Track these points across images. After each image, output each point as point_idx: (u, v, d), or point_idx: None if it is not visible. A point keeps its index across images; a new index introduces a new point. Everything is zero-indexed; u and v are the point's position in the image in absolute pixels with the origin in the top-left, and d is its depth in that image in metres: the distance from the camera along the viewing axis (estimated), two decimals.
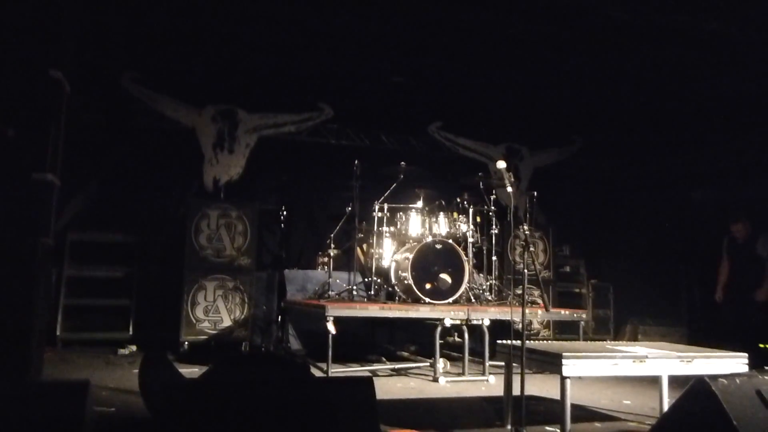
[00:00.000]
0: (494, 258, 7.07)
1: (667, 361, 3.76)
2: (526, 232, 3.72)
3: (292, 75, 7.27)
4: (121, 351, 6.65)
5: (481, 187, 6.95)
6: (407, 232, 6.70)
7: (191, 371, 5.59)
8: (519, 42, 6.30)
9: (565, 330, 7.80)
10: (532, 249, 3.88)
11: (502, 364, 4.22)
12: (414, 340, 7.38)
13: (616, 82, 7.18)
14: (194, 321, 6.79)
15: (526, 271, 3.74)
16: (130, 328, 7.12)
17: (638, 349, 3.99)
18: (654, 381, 4.39)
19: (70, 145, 4.24)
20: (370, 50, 6.66)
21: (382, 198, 6.74)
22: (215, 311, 6.91)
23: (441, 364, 5.79)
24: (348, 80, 7.40)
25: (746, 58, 6.17)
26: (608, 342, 5.01)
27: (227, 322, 6.93)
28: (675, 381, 4.05)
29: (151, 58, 6.93)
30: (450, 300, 6.18)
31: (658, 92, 7.31)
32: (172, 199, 7.95)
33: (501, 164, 4.67)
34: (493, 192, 7.14)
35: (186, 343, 6.69)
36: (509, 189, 4.36)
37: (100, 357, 6.33)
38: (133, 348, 6.78)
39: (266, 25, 6.19)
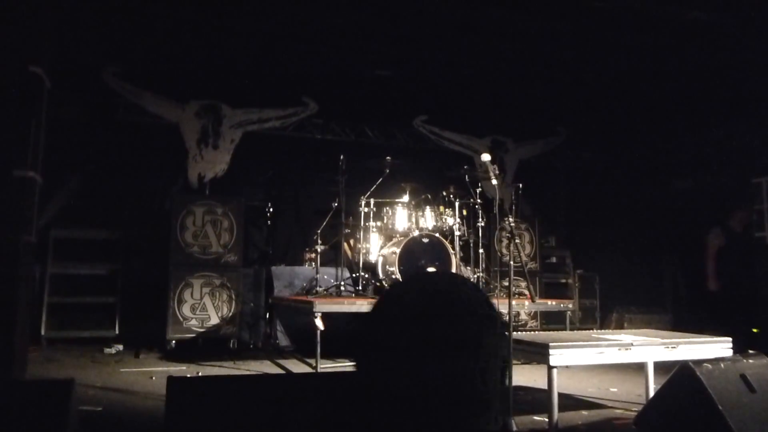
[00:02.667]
0: (481, 251, 7.09)
1: (652, 348, 3.79)
2: (512, 224, 3.74)
3: (277, 69, 7.24)
4: (107, 350, 6.59)
5: (467, 180, 6.96)
6: (394, 226, 6.70)
7: (179, 370, 5.57)
8: (502, 34, 6.31)
9: (552, 320, 7.86)
10: (518, 241, 3.90)
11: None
12: None
13: (599, 73, 7.23)
14: (181, 319, 6.74)
15: (512, 263, 3.75)
16: (116, 327, 7.04)
17: (624, 336, 4.03)
18: (640, 368, 4.43)
19: (51, 141, 4.18)
20: (354, 44, 6.64)
21: (369, 192, 6.73)
22: (202, 309, 6.86)
23: None
24: (332, 74, 7.37)
25: (727, 47, 6.23)
26: (594, 331, 5.05)
27: (215, 320, 6.88)
28: (660, 367, 4.09)
29: (134, 52, 6.86)
30: None
31: (640, 82, 7.36)
32: (157, 196, 7.88)
33: (486, 157, 4.69)
34: (479, 185, 7.15)
35: (173, 341, 6.64)
36: (494, 181, 4.37)
37: (85, 355, 6.27)
38: (120, 347, 6.72)
39: (250, 19, 6.15)
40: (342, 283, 6.63)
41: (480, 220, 7.09)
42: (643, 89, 7.53)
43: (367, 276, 6.63)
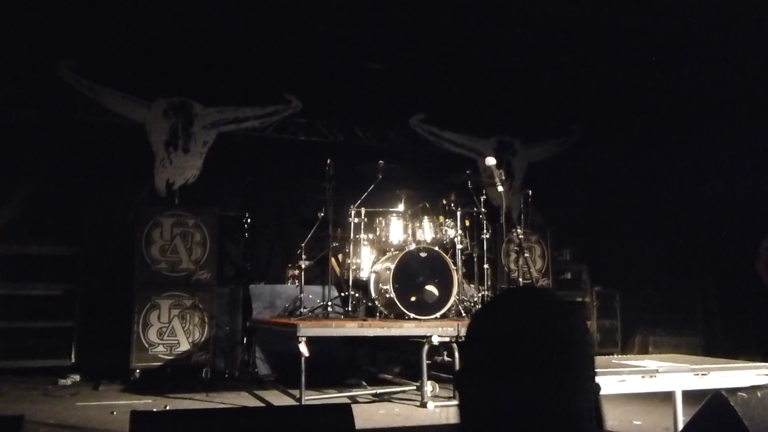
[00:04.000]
0: (486, 266, 7.09)
1: (680, 375, 3.79)
2: (521, 236, 3.75)
3: (255, 62, 7.24)
4: (62, 381, 6.53)
5: (470, 186, 6.97)
6: (388, 239, 6.69)
7: (144, 403, 5.53)
8: (509, 22, 6.34)
9: None
10: (527, 254, 3.92)
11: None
12: (398, 361, 7.37)
13: (619, 64, 7.24)
14: (146, 345, 6.71)
15: (521, 279, 3.76)
16: (73, 355, 7.00)
17: (648, 362, 4.02)
18: (667, 398, 4.41)
19: (0, 144, 4.17)
20: (342, 33, 6.66)
21: (359, 201, 6.73)
22: (171, 333, 6.83)
23: (429, 387, 5.77)
24: (318, 68, 7.38)
25: (763, 38, 6.28)
26: (615, 356, 5.06)
27: (185, 346, 6.85)
28: (690, 396, 4.08)
29: (93, 43, 6.84)
30: (438, 315, 6.18)
31: (666, 74, 7.39)
32: (120, 206, 7.85)
33: (491, 160, 4.73)
34: (484, 192, 7.17)
35: (137, 370, 6.60)
36: (500, 188, 4.39)
37: (37, 388, 6.22)
38: (76, 377, 6.67)
39: (224, 6, 6.16)
40: (329, 303, 6.62)
41: (485, 231, 7.09)
42: (670, 82, 7.55)
43: (357, 295, 6.62)
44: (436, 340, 5.69)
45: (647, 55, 6.97)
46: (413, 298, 6.17)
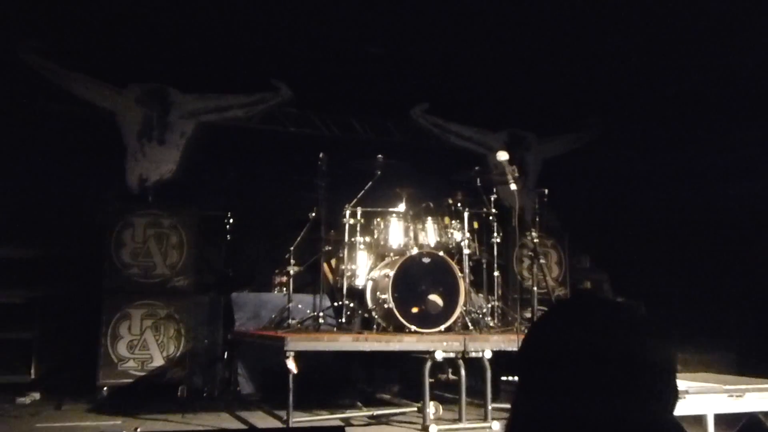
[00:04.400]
0: (496, 273, 7.07)
1: (711, 397, 3.79)
2: (536, 240, 3.74)
3: (239, 44, 7.23)
4: (21, 399, 6.53)
5: (479, 184, 6.96)
6: (387, 242, 6.69)
7: (112, 425, 5.51)
8: (523, 4, 6.34)
9: None
10: (543, 261, 3.90)
11: (509, 405, 4.20)
12: (397, 379, 7.37)
13: (643, 53, 7.27)
14: (116, 360, 6.71)
15: (535, 288, 3.74)
16: (32, 370, 7.00)
17: (677, 382, 4.01)
18: (697, 421, 4.40)
19: None
20: (338, 13, 6.65)
21: (355, 200, 6.72)
22: (143, 347, 6.85)
23: (432, 408, 5.76)
24: (310, 51, 7.38)
25: None
26: None
27: (158, 361, 6.86)
28: (723, 420, 4.08)
29: (59, 23, 6.83)
30: (442, 327, 6.16)
31: (692, 67, 7.42)
32: (87, 204, 7.83)
33: (502, 155, 4.71)
34: (494, 190, 7.16)
35: (105, 388, 6.60)
36: (513, 186, 4.37)
37: None
38: (36, 395, 6.66)
39: None
40: (321, 314, 6.60)
41: (495, 234, 7.08)
42: (699, 73, 7.58)
43: (352, 305, 6.59)
44: (439, 355, 5.68)
45: (674, 44, 6.99)
46: (415, 309, 6.16)
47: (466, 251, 6.76)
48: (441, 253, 6.46)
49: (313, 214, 6.82)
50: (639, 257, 9.31)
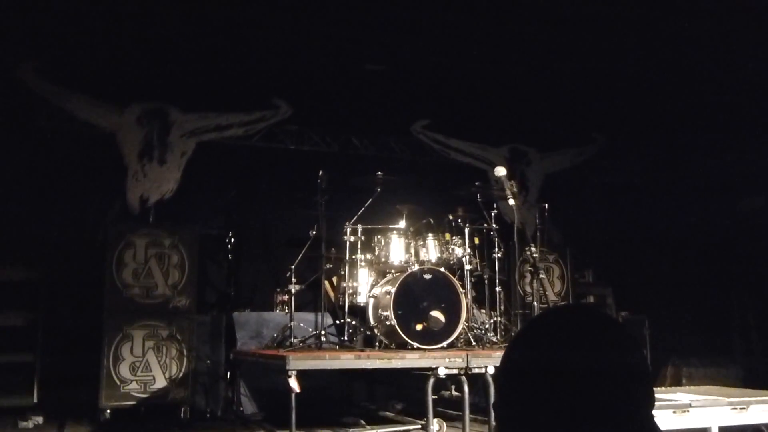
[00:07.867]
0: (498, 289, 7.10)
1: (716, 410, 3.80)
2: (536, 255, 3.78)
3: (239, 63, 7.28)
4: (23, 423, 6.50)
5: (480, 200, 7.00)
6: (388, 259, 6.71)
7: None
8: (524, 16, 6.38)
9: None
10: (544, 276, 3.94)
11: None
12: (400, 397, 7.36)
13: (647, 65, 7.29)
14: (118, 381, 6.70)
15: (537, 303, 3.78)
16: (35, 393, 6.98)
17: (681, 395, 4.04)
18: None
19: None
20: (337, 30, 6.71)
21: (355, 217, 6.74)
22: (145, 368, 6.84)
23: (435, 425, 5.77)
24: (310, 69, 7.43)
25: None
26: None
27: (161, 382, 6.85)
28: None
29: (59, 43, 6.89)
30: (444, 344, 6.18)
31: (696, 80, 7.44)
32: (88, 224, 7.87)
33: (502, 170, 4.76)
34: (495, 206, 7.20)
35: (107, 410, 6.59)
36: (513, 201, 4.42)
37: None
38: (39, 419, 6.63)
39: (204, 1, 6.21)
40: (323, 332, 6.62)
41: (496, 250, 7.11)
42: (704, 87, 7.59)
43: (354, 323, 6.62)
44: (442, 372, 5.68)
45: (679, 57, 7.02)
46: (417, 326, 6.17)
47: (467, 267, 6.79)
48: (442, 269, 6.49)
49: (314, 232, 6.84)
50: (643, 272, 9.32)
